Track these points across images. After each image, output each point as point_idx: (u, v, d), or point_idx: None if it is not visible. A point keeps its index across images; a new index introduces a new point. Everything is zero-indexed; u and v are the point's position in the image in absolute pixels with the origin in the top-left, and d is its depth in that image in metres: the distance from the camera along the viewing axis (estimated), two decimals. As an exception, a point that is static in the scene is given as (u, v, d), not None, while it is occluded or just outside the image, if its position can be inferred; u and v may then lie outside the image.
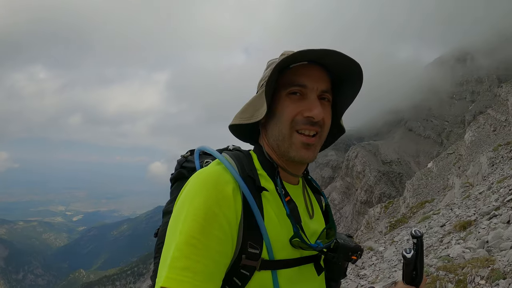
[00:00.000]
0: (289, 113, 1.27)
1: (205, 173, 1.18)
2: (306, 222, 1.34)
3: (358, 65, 1.26)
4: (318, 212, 1.50)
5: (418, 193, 36.51)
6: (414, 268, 1.34)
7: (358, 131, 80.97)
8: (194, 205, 1.09)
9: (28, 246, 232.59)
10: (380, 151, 62.52)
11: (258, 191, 1.21)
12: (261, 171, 1.30)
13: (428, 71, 79.27)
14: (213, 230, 1.06)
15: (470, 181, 22.48)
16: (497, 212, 11.06)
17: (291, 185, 1.39)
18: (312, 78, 1.27)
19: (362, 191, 56.12)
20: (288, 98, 1.28)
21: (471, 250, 8.48)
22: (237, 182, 1.17)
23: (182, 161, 1.48)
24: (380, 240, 19.37)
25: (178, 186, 1.41)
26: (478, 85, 63.01)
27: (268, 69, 1.38)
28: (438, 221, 15.08)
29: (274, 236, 1.18)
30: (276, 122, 1.30)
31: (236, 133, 1.45)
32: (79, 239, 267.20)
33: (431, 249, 11.66)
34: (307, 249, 1.26)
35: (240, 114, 1.38)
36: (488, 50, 64.80)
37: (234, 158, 1.27)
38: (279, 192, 1.27)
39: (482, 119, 39.47)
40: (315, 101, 1.26)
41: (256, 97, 1.37)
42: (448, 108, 66.43)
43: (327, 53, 1.21)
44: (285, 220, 1.24)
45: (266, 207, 1.21)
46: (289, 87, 1.28)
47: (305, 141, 1.27)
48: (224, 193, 1.12)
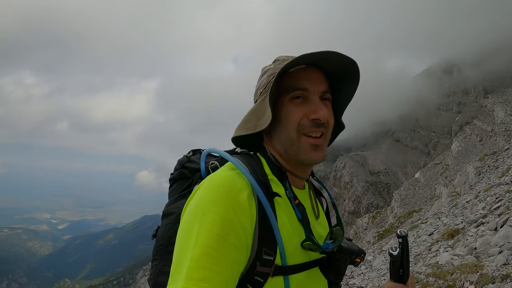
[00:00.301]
0: (295, 117, 1.27)
1: (219, 179, 1.16)
2: (313, 224, 1.35)
3: (354, 63, 1.29)
4: (322, 213, 1.52)
5: (406, 203, 36.70)
6: (401, 266, 1.41)
7: (346, 141, 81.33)
8: (210, 213, 1.07)
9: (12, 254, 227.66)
10: (367, 162, 62.80)
11: (271, 196, 1.20)
12: (271, 176, 1.29)
13: (416, 83, 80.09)
14: (230, 238, 1.05)
15: (457, 190, 22.67)
16: (484, 220, 11.13)
17: (298, 189, 1.39)
18: (312, 81, 1.29)
19: (350, 202, 56.21)
20: (291, 102, 1.29)
21: (460, 257, 8.51)
22: (253, 188, 1.16)
23: (184, 161, 1.45)
24: (368, 249, 19.36)
25: (178, 186, 1.40)
26: (465, 96, 63.73)
27: (264, 76, 1.38)
28: (426, 230, 15.13)
29: (287, 241, 1.18)
30: (282, 128, 1.30)
31: (240, 145, 1.42)
32: (64, 247, 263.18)
33: (420, 257, 11.66)
34: (317, 250, 1.26)
35: (242, 125, 1.36)
36: (475, 61, 65.70)
37: (246, 163, 1.25)
38: (288, 196, 1.27)
39: (469, 130, 39.98)
40: (319, 103, 1.28)
41: (257, 105, 1.36)
42: (435, 119, 67.03)
43: (326, 55, 1.23)
44: (296, 224, 1.24)
45: (279, 212, 1.20)
46: (291, 92, 1.28)
47: (313, 142, 1.28)
48: (239, 200, 1.10)
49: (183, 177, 1.40)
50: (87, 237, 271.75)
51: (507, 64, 58.58)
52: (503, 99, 39.58)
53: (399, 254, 1.39)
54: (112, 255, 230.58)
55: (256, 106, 1.35)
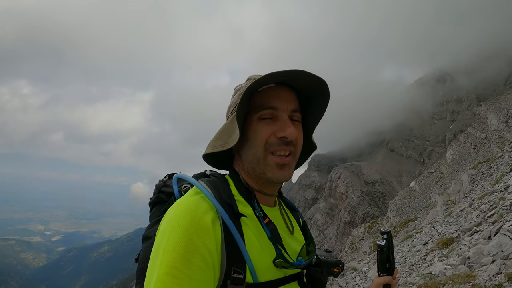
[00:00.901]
0: (262, 136, 1.29)
1: (184, 203, 1.19)
2: (287, 241, 1.36)
3: (324, 82, 1.32)
4: (297, 229, 1.52)
5: (402, 212, 36.59)
6: (388, 259, 1.50)
7: (341, 152, 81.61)
8: (174, 236, 1.09)
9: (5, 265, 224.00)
10: (363, 172, 62.87)
11: (236, 217, 1.22)
12: (238, 196, 1.31)
13: (410, 92, 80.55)
14: (194, 260, 1.07)
15: (452, 198, 22.53)
16: (478, 228, 11.01)
17: (268, 207, 1.40)
18: (282, 100, 1.30)
19: (345, 212, 56.05)
20: (260, 121, 1.30)
21: (453, 267, 8.38)
22: (216, 210, 1.19)
23: (160, 185, 1.47)
24: (363, 260, 19.16)
25: (157, 210, 1.41)
26: (458, 105, 64.11)
27: (236, 94, 1.40)
28: (421, 240, 15.01)
29: (256, 259, 1.20)
30: (250, 146, 1.31)
31: (211, 162, 1.45)
32: (58, 259, 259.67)
33: (414, 267, 11.57)
34: (290, 267, 1.28)
35: (213, 142, 1.38)
36: (467, 70, 66.27)
37: (211, 186, 1.27)
38: (257, 215, 1.28)
39: (463, 138, 40.04)
40: (287, 121, 1.29)
41: (227, 123, 1.37)
42: (429, 128, 67.33)
43: (294, 74, 1.26)
44: (266, 242, 1.26)
45: (246, 232, 1.22)
46: (260, 111, 1.30)
47: (279, 162, 1.29)
48: (203, 222, 1.13)
49: (160, 201, 1.42)
50: (81, 249, 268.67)
51: (499, 71, 59.09)
52: (496, 106, 39.69)
53: (386, 245, 1.48)
54: (106, 267, 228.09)
55: (226, 124, 1.37)
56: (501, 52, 61.97)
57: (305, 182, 77.12)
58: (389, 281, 1.51)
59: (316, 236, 58.60)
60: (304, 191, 75.49)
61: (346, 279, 15.48)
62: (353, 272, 16.39)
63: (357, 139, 79.31)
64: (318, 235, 58.70)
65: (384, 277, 1.51)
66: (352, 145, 79.94)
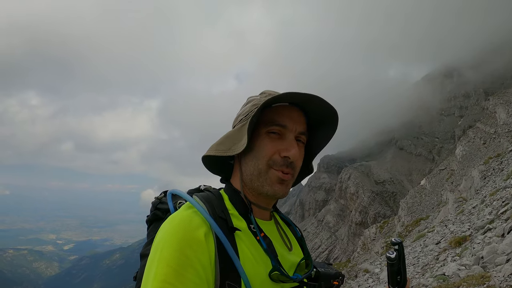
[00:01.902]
0: (267, 151, 1.31)
1: (177, 218, 1.20)
2: (283, 255, 1.35)
3: (335, 112, 1.37)
4: (295, 244, 1.51)
5: (413, 211, 36.20)
6: (398, 271, 1.44)
7: (350, 152, 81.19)
8: (167, 250, 1.10)
9: (18, 275, 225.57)
10: (372, 172, 62.40)
11: (230, 231, 1.23)
12: (232, 210, 1.32)
13: (417, 89, 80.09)
14: (187, 274, 1.07)
15: (463, 195, 22.23)
16: (491, 225, 10.82)
17: (264, 221, 1.41)
18: (292, 119, 1.34)
19: (356, 213, 55.64)
20: (268, 136, 1.33)
21: (467, 267, 8.21)
22: (209, 224, 1.19)
23: (156, 203, 1.48)
24: (375, 261, 18.96)
25: (154, 227, 1.41)
26: (466, 100, 63.56)
27: (248, 105, 1.42)
28: (433, 239, 14.83)
29: (251, 273, 1.20)
30: (253, 158, 1.33)
31: (208, 164, 1.47)
32: (70, 268, 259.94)
33: (427, 267, 11.41)
34: (287, 281, 1.28)
35: (216, 146, 1.39)
36: (474, 64, 65.76)
37: (205, 200, 1.29)
38: (252, 230, 1.29)
39: (472, 133, 39.56)
40: (293, 142, 1.32)
41: (234, 131, 1.39)
42: (437, 125, 66.80)
43: (310, 98, 1.30)
44: (261, 256, 1.26)
45: (240, 246, 1.22)
46: (270, 126, 1.33)
47: (281, 177, 1.31)
48: (196, 237, 1.14)
49: (157, 218, 1.42)
50: (93, 257, 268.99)
51: (506, 64, 58.51)
52: (504, 100, 39.24)
53: (396, 257, 1.43)
54: (119, 275, 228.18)
55: (233, 132, 1.39)
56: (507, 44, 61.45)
57: (315, 184, 76.86)
58: None
59: (328, 238, 58.28)
60: (314, 193, 75.23)
61: (359, 281, 15.33)
62: (366, 274, 16.21)
63: (366, 139, 78.86)
64: (330, 237, 58.35)
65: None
66: (361, 145, 79.47)
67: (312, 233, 61.49)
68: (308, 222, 68.36)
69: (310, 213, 73.54)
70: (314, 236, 60.61)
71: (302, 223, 70.95)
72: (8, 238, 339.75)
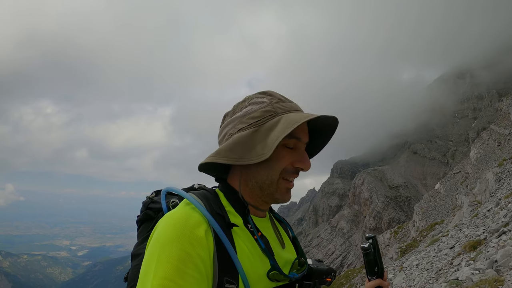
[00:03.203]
0: (283, 162, 1.32)
1: (175, 215, 1.19)
2: (278, 253, 1.37)
3: (336, 121, 1.41)
4: (288, 241, 1.53)
5: (428, 215, 35.73)
6: (375, 262, 1.51)
7: (363, 157, 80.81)
8: (167, 247, 1.09)
9: (32, 280, 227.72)
10: (386, 176, 61.98)
11: (228, 227, 1.24)
12: (229, 207, 1.32)
13: (430, 91, 79.47)
14: (188, 270, 1.07)
15: (478, 199, 21.84)
16: (506, 228, 10.60)
17: (259, 218, 1.42)
18: (305, 133, 1.37)
19: (370, 218, 55.23)
20: (284, 149, 1.33)
21: (480, 271, 8.01)
22: (207, 220, 1.20)
23: (147, 202, 1.45)
24: (389, 267, 18.68)
25: (145, 228, 1.40)
26: (479, 102, 62.92)
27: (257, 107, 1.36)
28: (447, 243, 14.62)
29: (249, 269, 1.21)
30: (267, 167, 1.32)
31: (206, 169, 1.42)
32: (84, 273, 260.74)
33: (441, 272, 11.25)
34: (284, 280, 1.32)
35: (225, 153, 1.32)
36: (487, 64, 65.07)
37: (202, 197, 1.29)
38: (250, 230, 1.31)
39: (486, 135, 39.00)
40: (305, 154, 1.37)
41: (245, 137, 1.31)
42: (451, 127, 66.19)
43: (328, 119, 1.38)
44: (258, 253, 1.28)
45: (238, 241, 1.24)
46: (288, 139, 1.32)
47: (289, 187, 1.36)
48: (195, 233, 1.14)
49: (148, 218, 1.40)
50: (107, 263, 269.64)
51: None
52: (517, 100, 38.75)
53: (369, 247, 1.51)
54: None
55: (245, 138, 1.31)
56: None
57: (329, 189, 76.57)
58: (380, 284, 1.51)
59: (342, 244, 57.88)
60: (328, 199, 74.94)
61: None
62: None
63: (379, 143, 78.38)
64: (344, 243, 57.95)
65: (375, 280, 1.51)
66: (374, 150, 79.00)
67: (326, 239, 61.13)
68: (321, 228, 68.02)
69: (324, 219, 73.22)
70: (328, 242, 60.25)
71: (316, 229, 70.65)
72: (23, 244, 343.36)
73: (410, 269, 14.50)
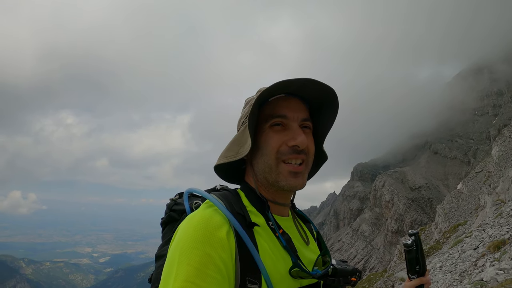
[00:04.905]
0: (273, 144, 1.32)
1: (196, 217, 1.21)
2: (302, 251, 1.38)
3: (332, 91, 1.36)
4: (312, 240, 1.53)
5: (450, 216, 35.16)
6: (417, 260, 1.51)
7: (383, 159, 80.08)
8: (188, 249, 1.11)
9: (54, 286, 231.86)
10: (407, 178, 61.20)
11: (249, 227, 1.25)
12: (250, 207, 1.34)
13: (449, 89, 78.53)
14: (209, 272, 1.08)
15: (501, 198, 21.37)
16: (531, 226, 10.26)
17: (282, 217, 1.42)
18: (292, 109, 1.35)
19: (392, 221, 54.56)
20: (271, 130, 1.34)
21: (505, 271, 7.86)
22: (229, 221, 1.21)
23: (171, 204, 1.48)
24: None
25: (169, 229, 1.43)
26: (499, 98, 61.91)
27: (247, 106, 1.46)
28: (471, 244, 14.35)
29: (271, 268, 1.22)
30: (261, 155, 1.34)
31: (221, 174, 1.48)
32: (106, 280, 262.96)
33: (465, 274, 11.09)
34: (306, 277, 1.30)
35: (224, 153, 1.42)
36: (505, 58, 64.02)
37: (223, 198, 1.31)
38: (271, 227, 1.31)
39: (507, 132, 38.33)
40: (298, 130, 1.34)
41: (238, 134, 1.42)
42: (471, 126, 65.17)
43: (304, 83, 1.32)
44: (281, 252, 1.29)
45: (259, 241, 1.25)
46: (271, 119, 1.34)
47: (292, 170, 1.32)
48: (216, 234, 1.15)
49: (172, 220, 1.43)
50: (129, 270, 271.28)
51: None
52: (538, 94, 38.01)
53: (412, 243, 1.50)
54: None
55: (238, 135, 1.41)
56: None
57: (349, 192, 76.10)
58: (421, 282, 1.50)
59: (364, 248, 57.27)
60: (349, 202, 74.51)
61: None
62: (402, 283, 15.68)
63: (399, 144, 77.66)
64: (366, 246, 57.34)
65: (416, 279, 1.50)
66: (394, 151, 78.26)
67: (348, 243, 60.59)
68: (343, 232, 67.51)
69: (345, 223, 72.75)
70: (350, 246, 59.70)
71: (337, 233, 70.15)
72: (45, 251, 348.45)
73: (433, 272, 14.25)
